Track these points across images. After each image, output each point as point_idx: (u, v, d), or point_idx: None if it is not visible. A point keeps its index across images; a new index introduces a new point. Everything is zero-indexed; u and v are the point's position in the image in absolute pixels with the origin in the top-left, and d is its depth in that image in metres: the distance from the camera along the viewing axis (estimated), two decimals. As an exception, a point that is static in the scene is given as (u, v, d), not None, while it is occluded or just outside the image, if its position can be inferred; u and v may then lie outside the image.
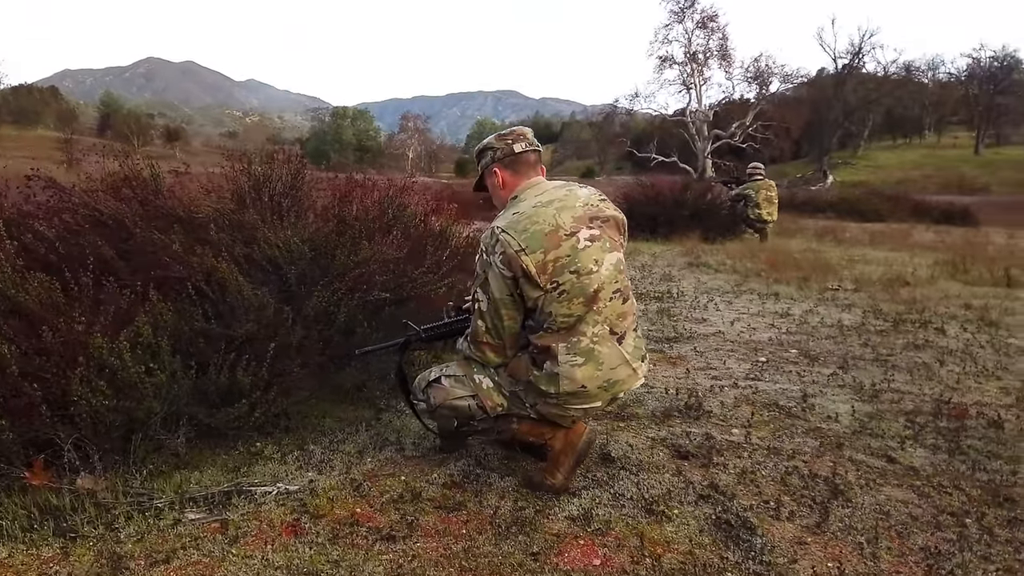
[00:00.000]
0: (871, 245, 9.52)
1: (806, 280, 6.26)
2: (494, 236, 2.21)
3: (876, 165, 49.62)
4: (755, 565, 1.97)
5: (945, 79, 56.92)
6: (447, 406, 2.39)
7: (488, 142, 2.45)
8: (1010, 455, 2.73)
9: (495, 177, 2.41)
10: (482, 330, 2.28)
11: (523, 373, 2.28)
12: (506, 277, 2.18)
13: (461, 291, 3.67)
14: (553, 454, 2.39)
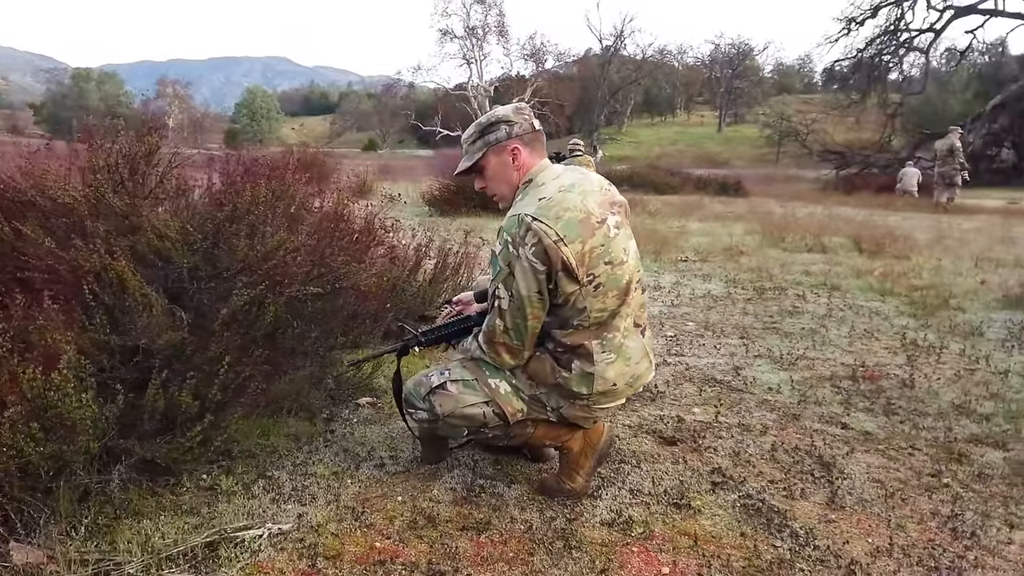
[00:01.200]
0: (681, 217, 10.23)
1: (658, 253, 6.55)
2: (523, 225, 1.94)
3: (638, 141, 53.76)
4: (812, 551, 1.96)
5: (692, 63, 62.95)
6: (458, 415, 2.12)
7: (502, 114, 2.14)
8: (934, 411, 3.00)
9: (512, 156, 2.11)
10: (500, 330, 2.04)
11: (548, 376, 2.08)
12: (538, 272, 1.94)
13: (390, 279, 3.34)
14: (572, 456, 2.23)
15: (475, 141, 2.16)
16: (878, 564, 1.90)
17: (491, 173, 2.16)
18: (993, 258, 7.08)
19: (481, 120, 2.18)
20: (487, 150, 2.13)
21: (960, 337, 4.12)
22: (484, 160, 2.15)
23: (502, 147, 2.11)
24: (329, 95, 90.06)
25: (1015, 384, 3.32)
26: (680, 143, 51.77)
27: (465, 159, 2.20)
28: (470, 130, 2.20)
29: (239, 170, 3.67)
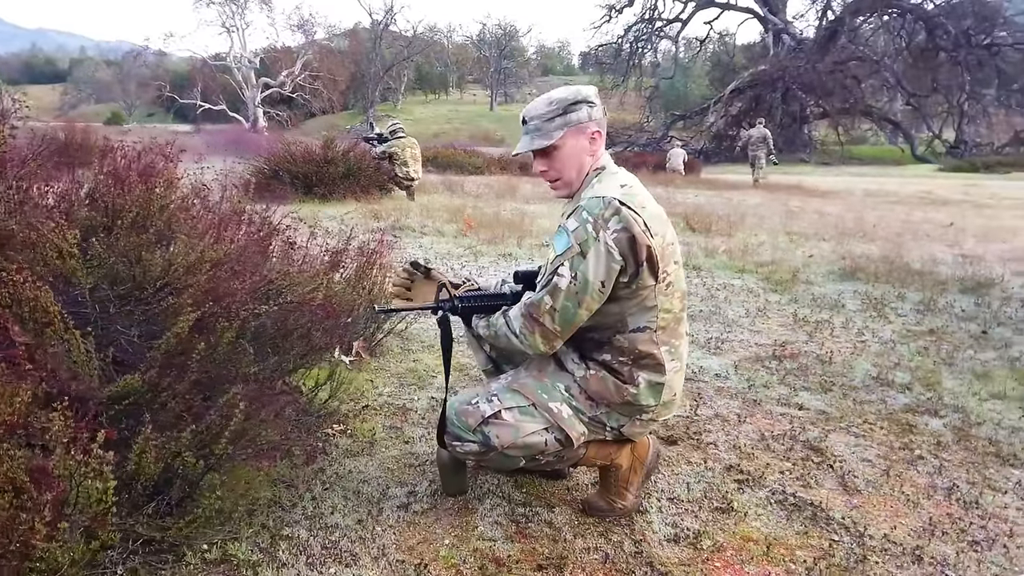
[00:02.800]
0: (506, 199, 10.32)
1: (520, 238, 6.53)
2: (611, 207, 1.78)
3: (414, 118, 53.50)
4: (870, 541, 2.05)
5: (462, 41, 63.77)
6: (519, 445, 1.92)
7: (587, 93, 1.91)
8: (860, 384, 3.29)
9: (593, 139, 1.92)
10: (546, 307, 1.82)
11: (614, 395, 1.94)
12: (613, 259, 1.78)
13: (335, 291, 2.97)
14: (621, 474, 2.12)
15: (553, 118, 1.89)
16: (932, 546, 2.02)
17: (565, 155, 1.92)
18: (795, 232, 7.97)
19: (562, 95, 1.91)
20: (567, 129, 1.89)
21: (828, 309, 4.57)
22: (562, 140, 1.90)
23: (582, 128, 1.90)
24: (57, 61, 79.07)
25: (904, 352, 3.74)
26: (455, 121, 52.34)
27: (538, 136, 1.91)
28: (546, 105, 1.91)
29: (120, 162, 3.07)
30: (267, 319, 2.57)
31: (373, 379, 3.14)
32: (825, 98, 31.37)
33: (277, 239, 3.16)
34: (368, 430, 2.65)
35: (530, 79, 61.15)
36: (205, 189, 3.25)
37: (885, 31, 36.71)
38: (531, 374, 2.01)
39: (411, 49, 54.43)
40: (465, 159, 15.94)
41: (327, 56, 47.29)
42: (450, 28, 64.93)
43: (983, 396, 3.14)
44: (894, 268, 5.74)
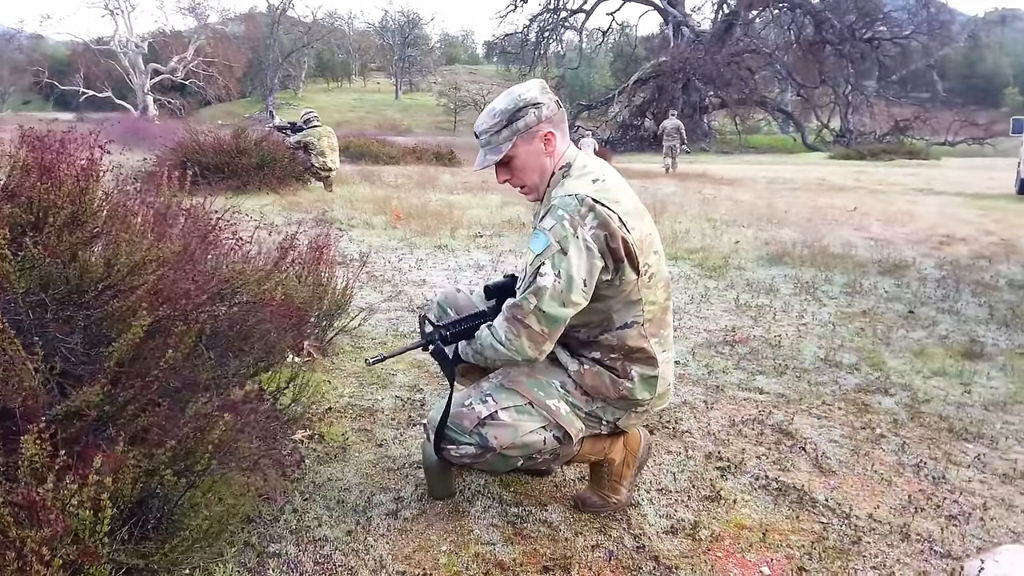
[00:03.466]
0: (429, 190, 10.15)
1: (453, 230, 6.42)
2: (584, 205, 1.74)
3: (316, 106, 51.81)
4: (858, 522, 2.09)
5: (363, 28, 62.41)
6: (518, 445, 1.85)
7: (529, 96, 1.84)
8: (811, 367, 3.38)
9: (544, 142, 1.86)
10: (530, 308, 1.75)
11: (610, 390, 1.90)
12: (594, 256, 1.74)
13: (308, 288, 2.81)
14: (614, 468, 2.09)
15: (500, 130, 1.84)
16: (916, 522, 2.09)
17: (521, 164, 1.88)
18: (715, 219, 8.19)
19: (504, 105, 1.85)
20: (515, 139, 1.84)
21: (765, 294, 4.70)
22: (513, 150, 1.85)
23: (532, 134, 1.84)
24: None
25: (844, 334, 3.88)
26: (360, 110, 51.22)
27: (489, 153, 1.87)
28: (490, 118, 1.86)
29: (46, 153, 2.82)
30: (225, 321, 2.41)
31: (330, 380, 2.99)
32: (723, 89, 32.47)
33: (221, 234, 2.97)
34: (337, 434, 2.52)
35: (435, 68, 60.51)
36: (134, 182, 3.02)
37: (776, 25, 38.35)
38: (524, 371, 1.93)
39: (311, 35, 52.84)
40: (379, 149, 15.60)
41: (221, 41, 45.28)
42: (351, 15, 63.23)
43: (926, 374, 3.29)
44: (816, 252, 5.97)
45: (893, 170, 20.95)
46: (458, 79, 53.39)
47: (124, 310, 2.10)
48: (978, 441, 2.64)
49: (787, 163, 24.17)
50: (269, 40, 49.21)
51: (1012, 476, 2.38)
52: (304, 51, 53.59)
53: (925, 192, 13.31)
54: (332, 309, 3.26)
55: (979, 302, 4.61)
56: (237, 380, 2.42)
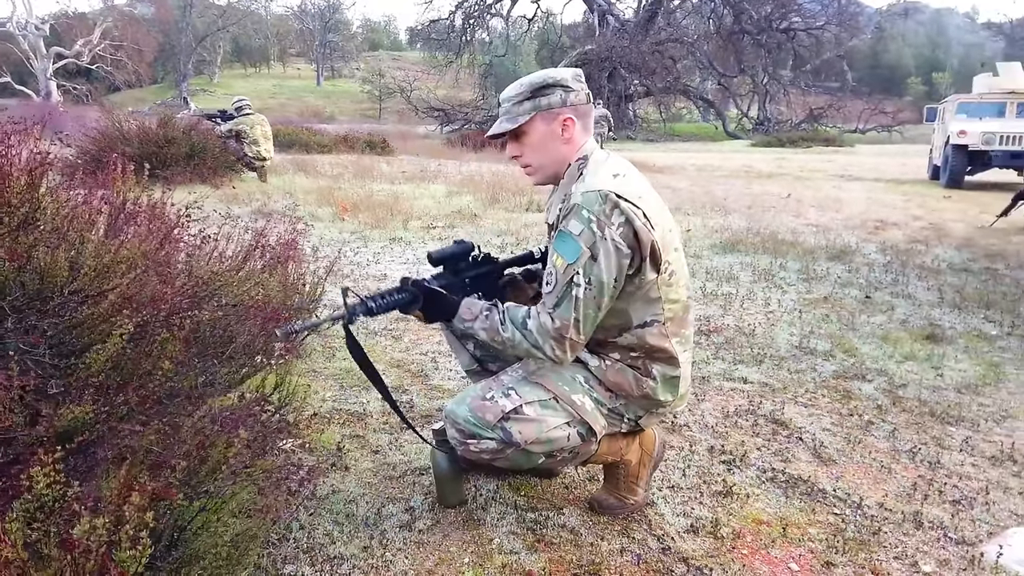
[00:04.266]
0: (367, 179, 9.89)
1: (405, 221, 6.25)
2: (609, 202, 1.68)
3: (234, 93, 50.23)
4: (872, 511, 2.11)
5: (282, 12, 60.61)
6: (543, 440, 1.78)
7: (560, 77, 1.81)
8: (787, 354, 3.42)
9: (563, 127, 1.81)
10: (571, 322, 1.71)
11: (633, 388, 1.85)
12: (623, 255, 1.69)
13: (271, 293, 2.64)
14: (630, 469, 2.04)
15: (522, 101, 1.81)
16: (926, 509, 2.11)
17: (534, 141, 1.83)
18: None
19: (533, 78, 1.82)
20: (536, 114, 1.80)
21: (727, 282, 4.74)
22: (530, 124, 1.81)
23: (554, 115, 1.80)
24: None
25: (811, 320, 3.95)
26: (280, 96, 49.77)
27: (506, 120, 1.83)
28: (516, 88, 1.83)
29: None
30: (207, 325, 2.25)
31: (308, 383, 2.84)
32: (648, 77, 32.93)
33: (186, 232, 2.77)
34: (329, 442, 2.39)
35: (358, 54, 59.27)
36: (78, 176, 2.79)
37: (696, 15, 39.11)
38: (547, 365, 1.86)
39: (226, 19, 50.97)
40: (309, 137, 15.13)
41: (130, 24, 43.02)
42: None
43: (898, 359, 3.37)
44: (766, 239, 6.09)
45: (811, 157, 21.70)
46: (382, 65, 52.41)
47: (96, 317, 1.94)
48: (960, 424, 2.72)
49: (712, 151, 24.73)
50: (181, 23, 47.22)
51: (1000, 458, 2.45)
52: (219, 35, 51.68)
53: (846, 178, 13.82)
54: (304, 308, 3.10)
55: (927, 286, 4.79)
56: (221, 388, 2.28)
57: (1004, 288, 4.77)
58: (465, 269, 2.01)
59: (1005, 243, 6.62)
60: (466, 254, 2.01)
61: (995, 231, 7.33)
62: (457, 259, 2.00)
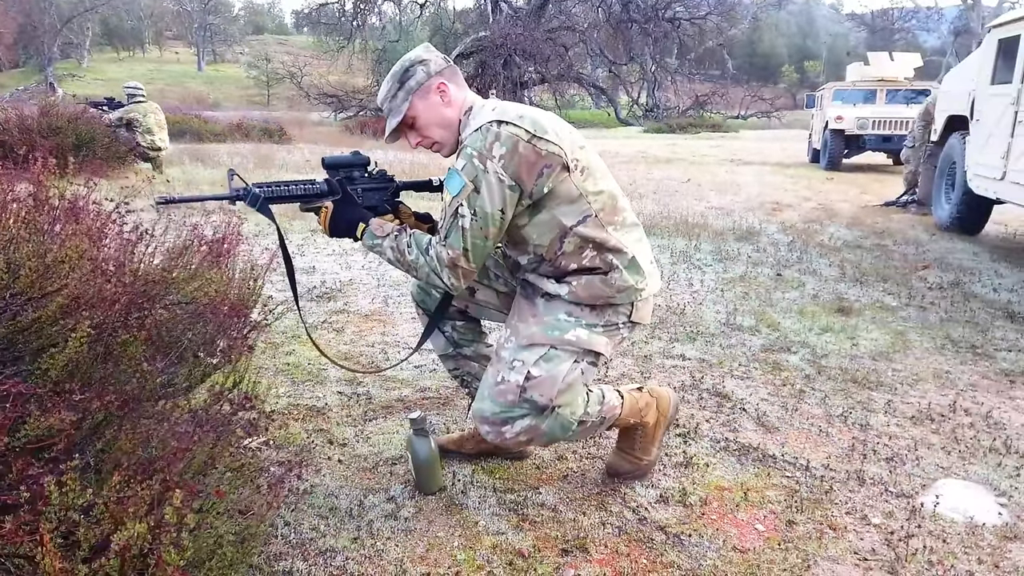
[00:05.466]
0: (270, 167, 9.58)
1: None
2: (490, 134, 1.75)
3: (106, 78, 47.13)
4: (823, 472, 2.27)
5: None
6: (563, 390, 1.85)
7: (413, 56, 1.90)
8: (716, 331, 3.61)
9: (440, 94, 1.88)
10: (460, 250, 1.80)
11: (605, 288, 1.89)
12: (505, 185, 1.76)
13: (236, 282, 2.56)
14: (648, 430, 2.16)
15: (396, 94, 1.89)
16: (866, 467, 2.31)
17: (425, 120, 1.90)
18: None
19: (394, 70, 1.91)
20: (412, 97, 1.88)
21: (648, 265, 4.92)
22: (411, 109, 1.89)
23: (426, 89, 1.88)
24: None
25: (732, 298, 4.17)
26: (159, 82, 47.08)
27: (392, 118, 1.91)
28: (385, 87, 1.91)
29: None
30: (165, 324, 2.18)
31: (257, 380, 2.77)
32: (543, 65, 33.27)
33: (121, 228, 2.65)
34: (293, 438, 2.35)
35: (241, 37, 56.82)
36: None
37: (586, 2, 39.78)
38: (527, 323, 1.93)
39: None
40: (201, 125, 14.47)
41: (-14, 4, 39.64)
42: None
43: (817, 331, 3.62)
44: (678, 223, 6.34)
45: (701, 142, 22.62)
46: (268, 50, 50.46)
47: (43, 320, 1.86)
48: (880, 389, 2.96)
49: (608, 137, 25.31)
50: (44, 3, 43.85)
51: (920, 418, 2.69)
52: (87, 16, 48.32)
53: (736, 163, 14.49)
54: (246, 304, 3.01)
55: (828, 262, 5.14)
56: (181, 389, 2.22)
57: (895, 263, 5.18)
58: (358, 180, 2.02)
59: (887, 221, 7.17)
60: (363, 165, 2.03)
61: (875, 210, 7.92)
62: (352, 168, 2.01)
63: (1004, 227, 6.73)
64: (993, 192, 5.37)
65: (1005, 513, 2.05)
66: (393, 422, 2.53)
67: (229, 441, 1.77)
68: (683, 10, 38.30)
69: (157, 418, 1.81)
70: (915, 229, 6.65)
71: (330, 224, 1.95)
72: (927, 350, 3.41)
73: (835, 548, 1.88)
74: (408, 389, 2.80)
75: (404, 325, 3.58)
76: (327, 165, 1.99)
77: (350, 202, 1.95)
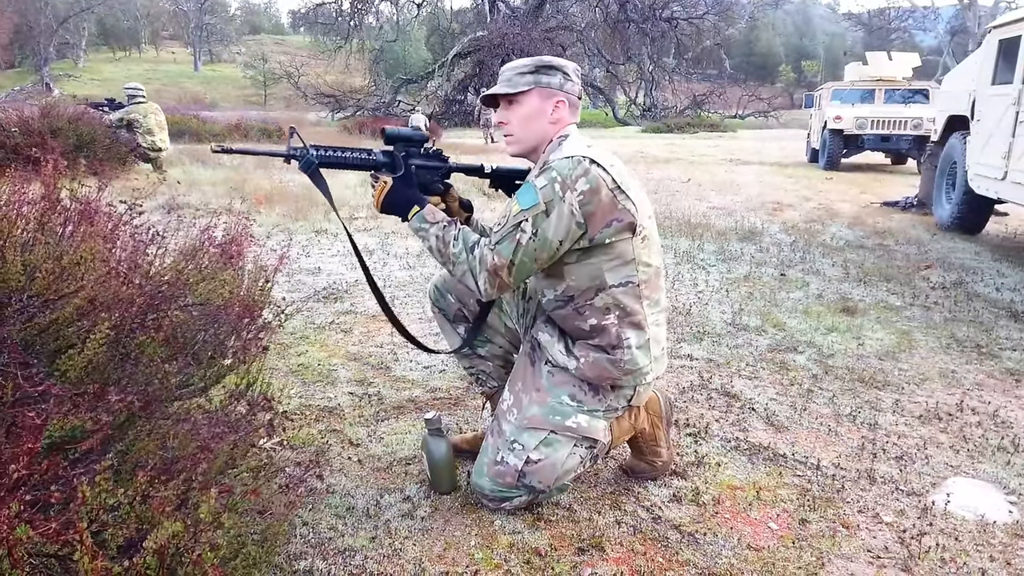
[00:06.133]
0: (271, 169, 9.58)
1: (328, 212, 6.12)
2: (580, 166, 1.78)
3: (102, 78, 47.10)
4: (834, 471, 2.29)
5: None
6: (561, 476, 1.93)
7: (563, 64, 1.94)
8: (723, 331, 3.62)
9: (554, 107, 1.91)
10: (507, 263, 1.81)
11: (612, 371, 1.93)
12: (576, 221, 1.78)
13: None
14: (647, 436, 2.18)
15: (525, 74, 1.90)
16: (876, 466, 2.32)
17: (525, 112, 1.92)
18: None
19: (542, 58, 1.93)
20: (534, 87, 1.90)
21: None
22: (525, 95, 1.90)
23: (550, 93, 1.91)
24: None
25: (737, 298, 4.19)
26: (156, 82, 47.01)
27: (505, 84, 1.92)
28: (522, 62, 1.93)
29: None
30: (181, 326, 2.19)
31: (270, 381, 2.78)
32: (540, 64, 33.25)
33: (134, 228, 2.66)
34: (307, 439, 2.37)
35: (238, 37, 56.77)
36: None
37: (582, 2, 39.83)
38: (532, 399, 1.97)
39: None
40: (199, 126, 14.46)
41: (-18, 3, 39.55)
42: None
43: (822, 331, 3.64)
44: (681, 223, 6.36)
45: (699, 142, 22.64)
46: (265, 50, 50.46)
47: (61, 321, 1.87)
48: (887, 388, 2.97)
49: (606, 136, 25.32)
50: (40, 2, 43.76)
51: (928, 417, 2.71)
52: (83, 16, 48.25)
53: (735, 162, 14.52)
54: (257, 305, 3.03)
55: (831, 262, 5.16)
56: (198, 389, 2.23)
57: (898, 263, 5.20)
58: (414, 156, 2.02)
59: (888, 220, 7.20)
60: (421, 142, 2.04)
61: (876, 210, 7.95)
62: (411, 142, 2.02)
63: (1004, 226, 6.76)
64: (994, 192, 5.39)
65: (1015, 511, 2.07)
66: (405, 422, 2.54)
67: (250, 441, 1.78)
68: (680, 10, 38.35)
69: (175, 418, 1.82)
70: (916, 229, 6.68)
71: (385, 199, 1.94)
72: (932, 350, 3.43)
73: (848, 546, 1.89)
74: (419, 390, 2.81)
75: (411, 326, 3.59)
76: (388, 137, 2.00)
77: (410, 181, 1.95)
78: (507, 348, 2.27)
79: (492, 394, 2.30)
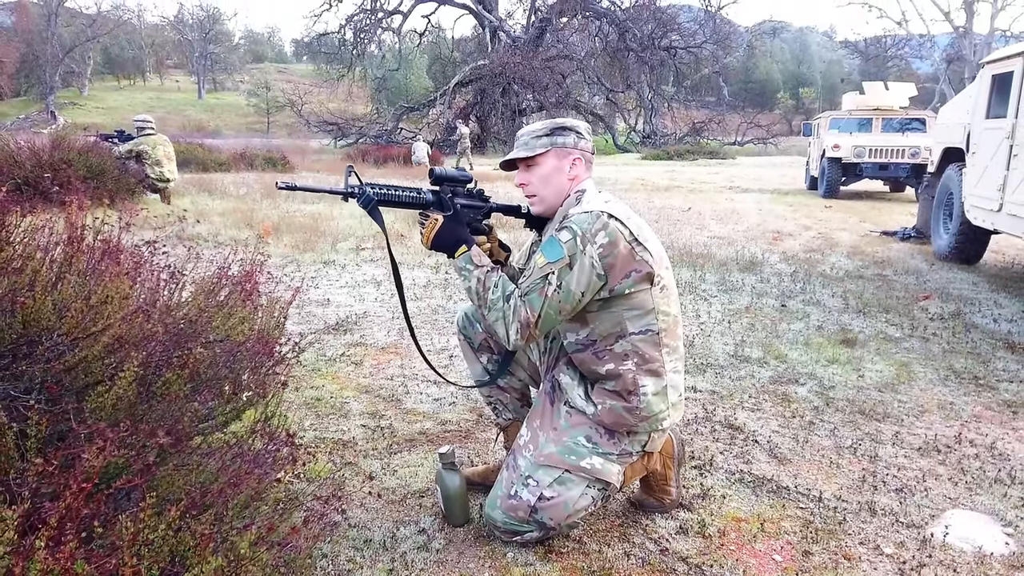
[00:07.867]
0: (277, 199, 9.70)
1: (335, 242, 6.22)
2: (599, 220, 1.89)
3: (107, 106, 47.65)
4: (837, 504, 2.36)
5: (156, 22, 57.94)
6: (572, 514, 2.00)
7: (575, 124, 2.07)
8: (726, 363, 3.70)
9: (571, 165, 2.03)
10: (535, 316, 1.89)
11: (629, 419, 2.00)
12: (596, 273, 1.88)
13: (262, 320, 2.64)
14: (658, 475, 2.25)
15: (541, 136, 2.03)
16: (876, 498, 2.39)
17: (544, 172, 2.04)
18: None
19: (555, 120, 2.07)
20: (551, 149, 2.02)
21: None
22: (543, 157, 2.03)
23: (566, 152, 2.03)
24: None
25: (738, 328, 4.27)
26: (159, 110, 47.53)
27: (523, 148, 2.04)
28: (537, 125, 2.05)
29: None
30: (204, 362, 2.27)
31: (284, 414, 2.85)
32: (541, 92, 33.68)
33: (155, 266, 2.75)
34: (323, 471, 2.43)
35: (241, 66, 57.45)
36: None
37: (582, 32, 40.38)
38: (549, 438, 2.04)
39: (95, 29, 48.32)
40: (205, 155, 14.62)
41: (-10, 33, 40.13)
42: (140, 7, 58.23)
43: (823, 363, 3.71)
44: (683, 253, 6.46)
45: (699, 169, 22.85)
46: (268, 78, 51.05)
47: (90, 359, 1.95)
48: (887, 420, 3.04)
49: (606, 164, 25.57)
50: (46, 33, 44.35)
51: (927, 449, 2.77)
52: (88, 46, 48.87)
53: (734, 190, 14.67)
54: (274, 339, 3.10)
55: (831, 293, 5.24)
56: (219, 424, 2.30)
57: (897, 294, 5.29)
58: (459, 195, 2.11)
59: (887, 250, 7.29)
60: (465, 182, 2.14)
61: (875, 239, 8.04)
62: (456, 183, 2.11)
63: (1002, 255, 6.85)
64: (991, 223, 5.49)
65: (1012, 543, 2.13)
66: (417, 455, 2.61)
67: (273, 476, 1.85)
68: (679, 39, 38.87)
69: (200, 453, 1.89)
70: (915, 258, 6.77)
71: (435, 237, 2.01)
72: (931, 381, 3.50)
73: (851, 578, 1.95)
74: (430, 422, 2.88)
75: (422, 358, 3.66)
76: (435, 177, 2.09)
77: (460, 221, 2.04)
78: (526, 382, 2.35)
79: (506, 426, 2.37)
